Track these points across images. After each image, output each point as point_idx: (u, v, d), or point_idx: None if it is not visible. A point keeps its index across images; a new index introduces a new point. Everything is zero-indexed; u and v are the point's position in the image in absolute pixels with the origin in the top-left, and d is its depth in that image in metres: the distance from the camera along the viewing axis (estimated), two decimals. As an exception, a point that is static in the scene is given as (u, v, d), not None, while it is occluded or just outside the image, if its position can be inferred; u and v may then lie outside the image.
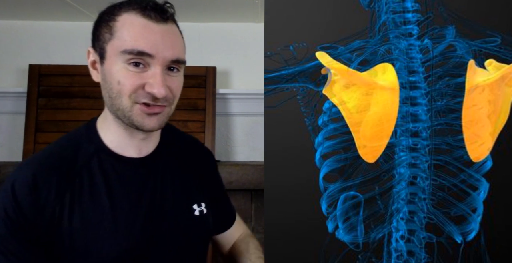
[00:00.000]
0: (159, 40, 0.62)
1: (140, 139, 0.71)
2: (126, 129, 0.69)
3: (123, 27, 0.62)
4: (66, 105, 1.71)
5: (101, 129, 0.71)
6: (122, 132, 0.69)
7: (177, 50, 0.65)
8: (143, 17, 0.62)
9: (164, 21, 0.64)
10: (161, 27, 0.63)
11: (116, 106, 0.64)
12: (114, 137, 0.70)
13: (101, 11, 0.67)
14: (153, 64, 0.62)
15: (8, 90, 1.79)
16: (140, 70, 0.62)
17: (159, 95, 0.62)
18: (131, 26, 0.62)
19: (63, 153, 0.68)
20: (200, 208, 0.75)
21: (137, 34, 0.61)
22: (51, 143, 0.71)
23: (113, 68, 0.63)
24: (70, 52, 1.86)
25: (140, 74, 0.62)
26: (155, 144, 0.75)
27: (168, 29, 0.65)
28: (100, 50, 0.65)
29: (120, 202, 0.67)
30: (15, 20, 1.87)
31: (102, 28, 0.65)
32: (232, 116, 1.88)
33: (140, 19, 0.62)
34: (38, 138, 1.69)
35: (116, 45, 0.62)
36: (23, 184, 0.63)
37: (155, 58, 0.62)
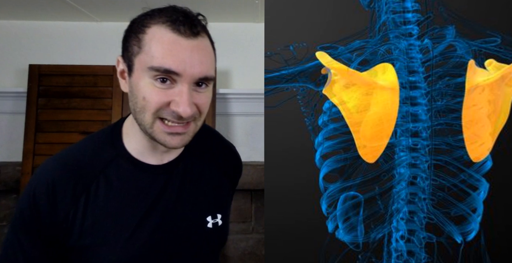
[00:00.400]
0: (187, 57, 0.60)
1: (162, 151, 0.70)
2: (149, 141, 0.68)
3: (151, 42, 0.60)
4: (66, 105, 1.71)
5: (126, 135, 0.70)
6: (146, 143, 0.69)
7: (206, 67, 0.63)
8: (173, 32, 0.60)
9: (194, 35, 0.62)
10: (190, 43, 0.61)
11: (139, 120, 0.63)
12: (138, 145, 0.69)
13: (133, 19, 0.65)
14: (180, 81, 0.61)
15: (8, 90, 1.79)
16: (167, 87, 0.61)
17: (184, 115, 0.60)
18: (159, 41, 0.60)
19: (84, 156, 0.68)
20: (214, 220, 0.73)
21: (165, 51, 0.60)
22: (75, 144, 0.71)
23: (140, 83, 0.61)
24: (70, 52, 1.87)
25: (166, 91, 0.61)
26: (178, 152, 0.73)
27: (198, 44, 0.62)
28: (129, 62, 0.63)
29: (132, 209, 0.66)
30: (15, 20, 1.87)
31: (132, 40, 0.63)
32: (232, 116, 1.88)
33: (170, 34, 0.60)
34: (38, 138, 1.69)
35: (143, 60, 0.61)
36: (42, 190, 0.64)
37: (182, 76, 0.60)
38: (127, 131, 0.70)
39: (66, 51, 1.86)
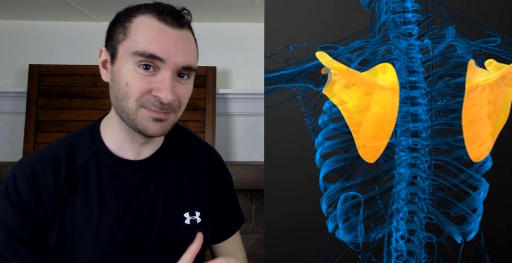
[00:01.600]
0: (172, 45, 0.62)
1: (139, 143, 0.71)
2: (128, 132, 0.68)
3: (138, 29, 0.62)
4: (66, 105, 1.71)
5: (104, 131, 0.71)
6: (124, 135, 0.69)
7: (189, 56, 0.65)
8: (159, 21, 0.62)
9: (179, 26, 0.64)
10: (176, 33, 0.63)
11: (121, 108, 0.64)
12: (116, 139, 0.70)
13: (118, 12, 0.67)
14: (163, 68, 0.62)
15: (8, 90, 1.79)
16: (150, 74, 0.62)
17: (165, 100, 0.61)
18: (145, 28, 0.62)
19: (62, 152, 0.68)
20: (192, 217, 0.73)
21: (150, 37, 0.61)
22: (53, 142, 0.72)
23: (122, 69, 0.62)
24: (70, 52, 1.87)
25: (149, 78, 0.62)
26: (155, 148, 0.74)
27: (183, 35, 0.64)
28: (112, 49, 0.64)
29: (109, 205, 0.67)
30: (15, 20, 1.87)
31: (117, 28, 0.65)
32: (232, 116, 1.88)
33: (156, 23, 0.62)
34: (38, 138, 1.69)
35: (128, 46, 0.62)
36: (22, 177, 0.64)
37: (165, 63, 0.62)
38: (105, 127, 0.71)
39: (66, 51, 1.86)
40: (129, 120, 0.64)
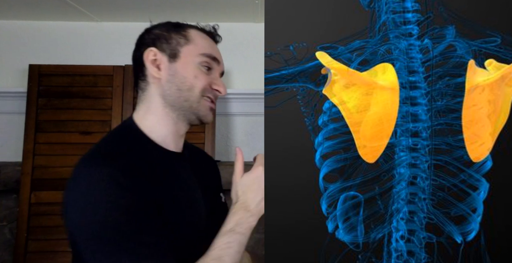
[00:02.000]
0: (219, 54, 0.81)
1: (180, 135, 0.80)
2: (175, 124, 0.77)
3: (197, 37, 0.78)
4: (66, 105, 1.71)
5: (146, 127, 0.76)
6: (171, 127, 0.77)
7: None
8: (207, 35, 0.80)
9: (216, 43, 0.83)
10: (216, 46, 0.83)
11: (185, 97, 0.75)
12: (161, 132, 0.76)
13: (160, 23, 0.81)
14: (215, 70, 0.79)
15: (8, 90, 1.79)
16: (208, 72, 0.77)
17: (224, 92, 0.78)
18: (203, 38, 0.79)
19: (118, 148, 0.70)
20: (223, 197, 0.89)
21: (209, 45, 0.79)
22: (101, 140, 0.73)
23: (189, 66, 0.75)
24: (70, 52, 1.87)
25: (207, 75, 0.77)
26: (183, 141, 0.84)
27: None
28: (171, 51, 0.76)
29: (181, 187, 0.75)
30: (15, 20, 1.87)
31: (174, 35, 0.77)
32: (232, 116, 1.88)
33: (206, 36, 0.80)
34: (38, 138, 1.69)
35: (193, 49, 0.76)
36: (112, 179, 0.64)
37: (219, 65, 0.80)
38: (145, 123, 0.76)
39: (66, 51, 1.87)
40: (192, 108, 0.76)
